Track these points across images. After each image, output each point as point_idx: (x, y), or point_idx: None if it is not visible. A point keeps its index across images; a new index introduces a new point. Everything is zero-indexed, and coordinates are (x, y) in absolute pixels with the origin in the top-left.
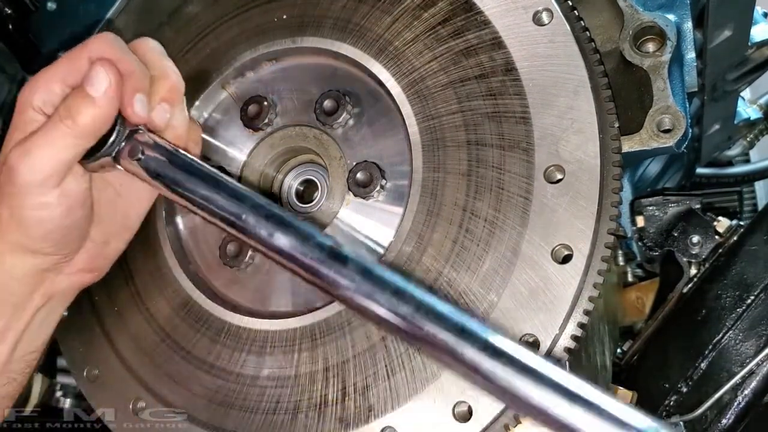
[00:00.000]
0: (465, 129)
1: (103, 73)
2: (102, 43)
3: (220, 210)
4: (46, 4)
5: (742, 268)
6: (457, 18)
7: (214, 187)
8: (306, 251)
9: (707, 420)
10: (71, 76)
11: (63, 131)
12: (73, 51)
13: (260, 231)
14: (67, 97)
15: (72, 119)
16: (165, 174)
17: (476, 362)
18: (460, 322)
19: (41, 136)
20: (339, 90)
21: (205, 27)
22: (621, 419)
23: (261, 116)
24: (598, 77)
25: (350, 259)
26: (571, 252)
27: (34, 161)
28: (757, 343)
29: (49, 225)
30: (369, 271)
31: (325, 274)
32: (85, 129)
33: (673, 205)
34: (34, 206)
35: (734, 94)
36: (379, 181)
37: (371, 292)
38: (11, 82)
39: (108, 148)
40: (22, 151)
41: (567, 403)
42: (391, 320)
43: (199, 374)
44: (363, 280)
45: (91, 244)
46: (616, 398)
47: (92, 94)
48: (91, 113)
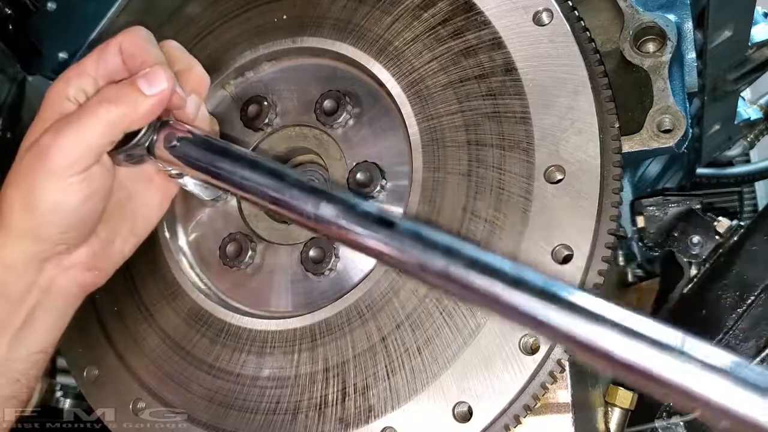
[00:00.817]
0: (465, 129)
1: (163, 75)
2: (134, 37)
3: (264, 188)
4: (46, 4)
5: (742, 269)
6: (457, 18)
7: (252, 167)
8: (352, 218)
9: None
10: (102, 68)
11: (100, 117)
12: (104, 44)
13: (305, 205)
14: (110, 86)
15: (115, 106)
16: (202, 159)
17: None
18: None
19: (76, 119)
20: (339, 90)
21: (205, 27)
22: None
23: (261, 116)
24: (598, 77)
25: (396, 223)
26: (571, 252)
27: (66, 143)
28: (757, 344)
29: (65, 210)
30: (417, 233)
31: (373, 241)
32: (126, 119)
33: (674, 206)
34: (55, 189)
35: (734, 95)
36: (380, 181)
37: (422, 253)
38: (11, 82)
39: (140, 139)
40: (55, 131)
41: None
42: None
43: (199, 374)
44: (413, 243)
45: (95, 240)
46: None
47: (145, 92)
48: (142, 107)
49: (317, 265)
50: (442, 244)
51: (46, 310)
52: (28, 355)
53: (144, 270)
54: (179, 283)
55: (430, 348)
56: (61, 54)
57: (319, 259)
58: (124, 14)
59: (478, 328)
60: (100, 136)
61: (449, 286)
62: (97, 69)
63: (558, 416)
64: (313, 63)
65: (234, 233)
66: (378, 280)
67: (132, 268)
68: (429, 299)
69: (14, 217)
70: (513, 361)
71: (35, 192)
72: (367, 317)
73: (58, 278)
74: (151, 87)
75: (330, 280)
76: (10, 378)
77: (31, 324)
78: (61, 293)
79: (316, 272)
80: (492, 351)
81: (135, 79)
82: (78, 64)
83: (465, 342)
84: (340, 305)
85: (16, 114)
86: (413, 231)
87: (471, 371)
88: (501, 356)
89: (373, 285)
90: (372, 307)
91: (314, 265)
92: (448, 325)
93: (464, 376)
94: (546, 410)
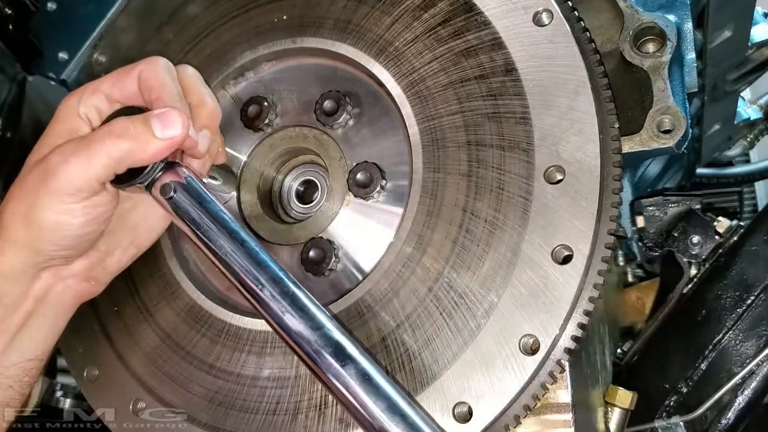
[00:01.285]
0: (465, 129)
1: (178, 120)
2: (153, 69)
3: (239, 270)
4: (46, 4)
5: (742, 269)
6: (457, 19)
7: (238, 247)
8: (312, 341)
9: (707, 420)
10: (117, 93)
11: (107, 149)
12: (124, 69)
13: (273, 306)
14: (123, 121)
15: (123, 141)
16: (192, 218)
17: None
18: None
19: (85, 147)
20: (339, 91)
21: (206, 27)
22: None
23: (261, 117)
24: (598, 78)
25: (353, 360)
26: (571, 252)
27: (71, 170)
28: (757, 344)
29: (66, 231)
30: (368, 378)
31: (323, 370)
32: (133, 156)
33: (674, 206)
34: (59, 211)
35: (734, 95)
36: (380, 182)
37: (364, 402)
38: (11, 82)
39: (142, 178)
40: (64, 154)
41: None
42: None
43: (199, 374)
44: (359, 386)
45: (93, 252)
46: None
47: (157, 134)
48: (151, 149)
49: (317, 266)
50: (387, 398)
51: (41, 317)
52: (22, 362)
53: (144, 271)
54: (179, 284)
55: (431, 348)
56: (61, 54)
57: (318, 260)
58: (125, 14)
59: (478, 329)
60: (105, 168)
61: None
62: (112, 92)
63: (558, 416)
64: (313, 63)
65: None
66: (378, 281)
67: (132, 269)
68: (429, 299)
69: (15, 228)
70: (513, 361)
71: (37, 209)
72: (367, 317)
73: (54, 287)
74: (164, 129)
75: (330, 280)
76: (2, 384)
77: (25, 331)
78: (57, 302)
79: (316, 273)
80: (492, 351)
81: (149, 118)
82: (94, 83)
83: (465, 342)
84: (341, 305)
85: (16, 114)
86: (364, 373)
87: (471, 372)
88: (501, 356)
89: (373, 285)
90: (372, 308)
91: (314, 266)
92: (448, 325)
93: (464, 376)
94: (546, 410)
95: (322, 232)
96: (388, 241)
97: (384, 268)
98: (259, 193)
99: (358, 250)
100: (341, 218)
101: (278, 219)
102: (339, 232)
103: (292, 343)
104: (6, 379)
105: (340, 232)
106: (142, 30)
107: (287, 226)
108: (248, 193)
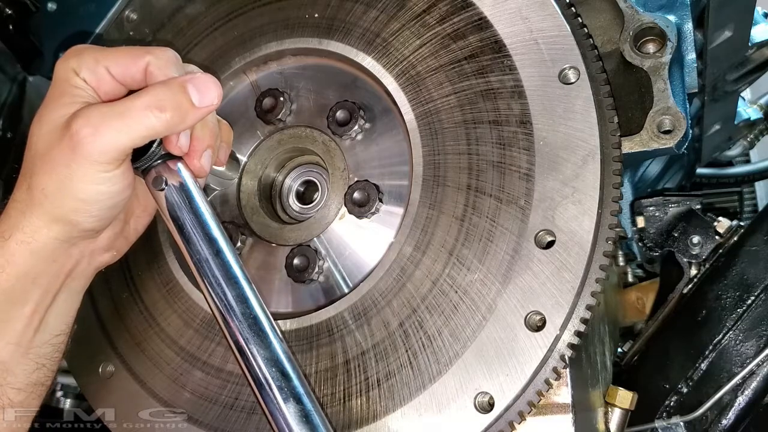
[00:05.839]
0: (468, 173)
1: (213, 87)
2: (165, 60)
3: (208, 281)
4: (46, 4)
5: (742, 269)
6: (484, 57)
7: (213, 256)
8: (261, 368)
9: (707, 420)
10: (119, 74)
11: (147, 121)
12: (131, 53)
13: (232, 324)
14: (159, 88)
15: (164, 113)
16: (176, 216)
17: None
18: None
19: (118, 116)
20: (355, 102)
21: (240, 7)
22: None
23: (275, 111)
24: (612, 148)
25: (295, 397)
26: (544, 322)
27: (105, 140)
28: (757, 344)
29: (105, 201)
30: (307, 418)
31: (265, 401)
32: (170, 128)
33: (674, 206)
34: (98, 180)
35: (734, 95)
36: (375, 204)
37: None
38: (11, 82)
39: (142, 161)
40: (94, 123)
41: None
42: None
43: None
44: (296, 425)
45: (116, 222)
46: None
47: (196, 103)
48: (190, 119)
49: (299, 274)
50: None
51: (66, 292)
52: (52, 338)
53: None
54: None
55: (389, 383)
56: (61, 54)
57: (302, 268)
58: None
59: (438, 375)
60: (143, 139)
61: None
62: (114, 68)
63: (558, 416)
64: (335, 67)
65: (227, 222)
66: (354, 303)
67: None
68: (398, 334)
69: (49, 203)
70: (464, 414)
71: (73, 181)
72: (336, 337)
73: (81, 262)
74: (203, 98)
75: (310, 289)
76: (38, 364)
77: (53, 308)
78: (82, 275)
79: (297, 280)
80: (448, 401)
81: (185, 84)
82: (97, 51)
83: (423, 385)
84: (314, 319)
85: (16, 114)
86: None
87: (423, 414)
88: (455, 407)
89: (348, 306)
90: (341, 330)
91: (297, 273)
92: (411, 364)
93: (416, 419)
94: (546, 410)
95: (311, 241)
96: (372, 265)
97: (362, 292)
98: (259, 185)
99: (342, 265)
100: (332, 230)
101: (274, 215)
102: (327, 243)
103: (241, 362)
104: (40, 358)
105: (328, 244)
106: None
107: (279, 226)
108: (249, 182)
